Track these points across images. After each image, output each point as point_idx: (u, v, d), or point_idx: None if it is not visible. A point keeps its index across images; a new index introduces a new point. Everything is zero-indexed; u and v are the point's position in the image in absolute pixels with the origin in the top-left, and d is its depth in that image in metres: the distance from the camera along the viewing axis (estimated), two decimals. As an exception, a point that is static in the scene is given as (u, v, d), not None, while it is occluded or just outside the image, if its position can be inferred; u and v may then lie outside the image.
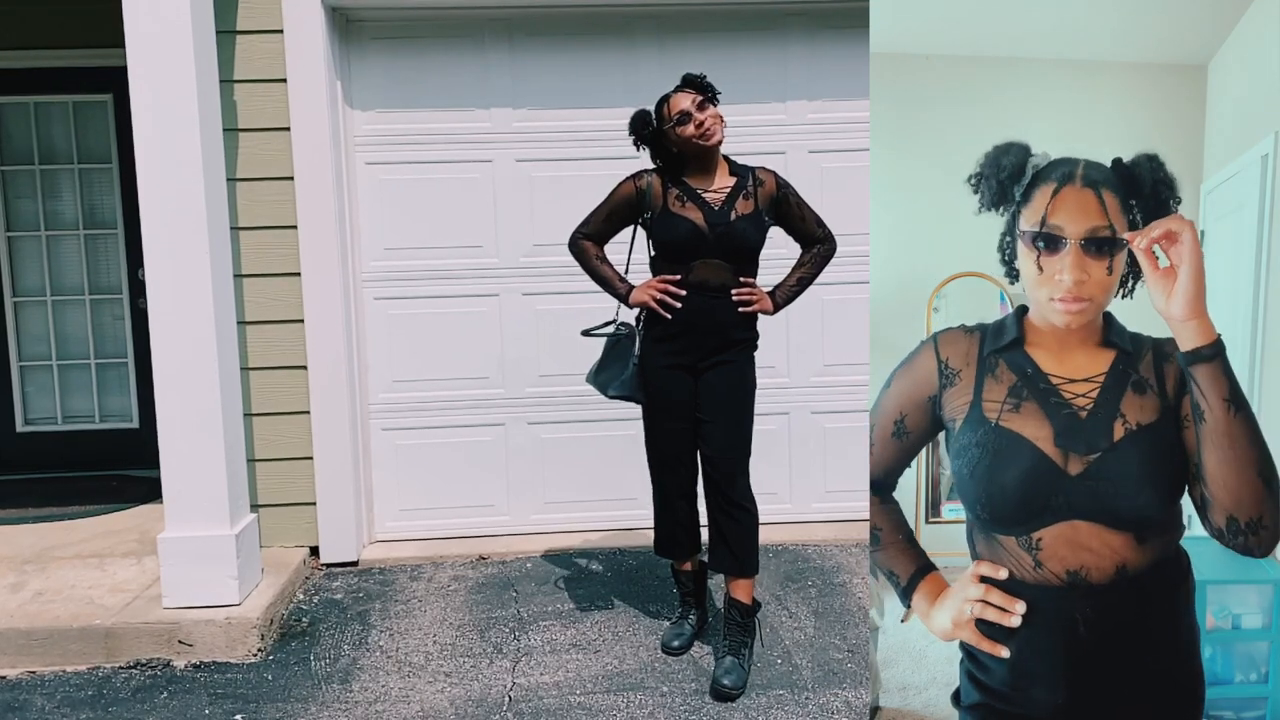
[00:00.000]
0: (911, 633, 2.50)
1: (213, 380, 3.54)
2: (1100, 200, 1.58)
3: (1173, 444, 1.61)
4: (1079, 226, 1.57)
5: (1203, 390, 1.50)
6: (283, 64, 4.06)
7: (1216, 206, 2.91)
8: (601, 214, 3.34)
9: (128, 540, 4.28)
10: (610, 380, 3.37)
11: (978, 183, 1.73)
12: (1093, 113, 2.85)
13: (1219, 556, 2.56)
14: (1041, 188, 1.62)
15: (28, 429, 5.61)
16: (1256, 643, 2.49)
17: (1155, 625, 1.63)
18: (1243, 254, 2.76)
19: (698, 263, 3.19)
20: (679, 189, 3.22)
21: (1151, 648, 1.63)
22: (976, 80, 3.07)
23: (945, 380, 1.73)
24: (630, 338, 3.32)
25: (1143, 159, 1.64)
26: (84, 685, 3.30)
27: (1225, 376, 1.48)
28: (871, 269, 2.48)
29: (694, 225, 3.17)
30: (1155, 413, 1.61)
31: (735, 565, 3.29)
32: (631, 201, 3.28)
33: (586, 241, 3.36)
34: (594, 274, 3.38)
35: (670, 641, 3.44)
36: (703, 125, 3.13)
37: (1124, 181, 1.62)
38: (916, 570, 1.81)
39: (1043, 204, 1.60)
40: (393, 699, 3.16)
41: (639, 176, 3.29)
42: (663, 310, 3.20)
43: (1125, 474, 1.57)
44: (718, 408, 3.26)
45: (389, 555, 4.39)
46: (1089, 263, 1.56)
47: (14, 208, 5.48)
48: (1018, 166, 1.66)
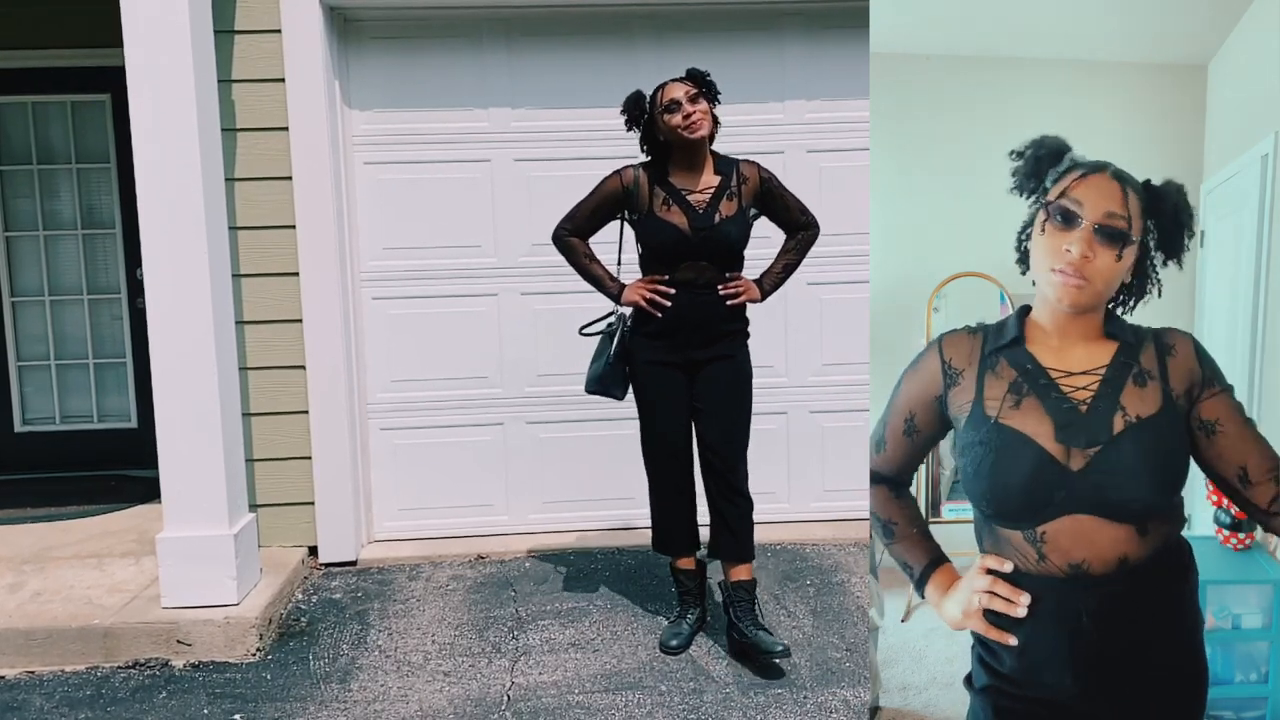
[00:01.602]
0: (911, 632, 2.50)
1: (211, 380, 3.54)
2: (1124, 193, 1.64)
3: (1174, 436, 1.63)
4: (1097, 210, 1.62)
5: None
6: (281, 64, 4.05)
7: (1216, 206, 2.91)
8: (586, 210, 3.36)
9: (126, 540, 4.28)
10: (592, 377, 3.43)
11: (1018, 159, 1.76)
12: (1093, 113, 2.85)
13: (1219, 556, 2.57)
14: (1074, 171, 1.68)
15: (26, 429, 5.60)
16: (1256, 643, 2.49)
17: (1157, 616, 1.65)
18: (1243, 254, 2.76)
19: (684, 264, 3.25)
20: (665, 190, 3.25)
21: (1154, 638, 1.65)
22: (976, 80, 3.06)
23: (949, 380, 1.76)
24: (611, 336, 3.34)
25: (1171, 185, 1.70)
26: (82, 685, 3.30)
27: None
28: (871, 269, 2.48)
29: (678, 230, 3.23)
30: (1156, 405, 1.63)
31: (739, 550, 3.35)
32: (617, 198, 3.31)
33: (573, 239, 3.37)
34: (584, 273, 3.40)
35: (669, 641, 3.44)
36: (690, 117, 3.17)
37: (1151, 198, 1.68)
38: (930, 562, 1.85)
39: (1069, 183, 1.66)
40: (391, 698, 3.16)
41: (624, 173, 3.31)
42: (652, 309, 3.25)
43: (1126, 467, 1.59)
44: (719, 399, 3.33)
45: (387, 555, 4.38)
46: (1099, 247, 1.61)
47: (12, 208, 5.47)
48: (1058, 150, 1.72)
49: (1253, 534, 2.56)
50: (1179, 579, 1.70)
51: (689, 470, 3.45)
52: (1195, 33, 2.82)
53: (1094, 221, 1.61)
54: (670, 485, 3.44)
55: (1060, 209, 1.64)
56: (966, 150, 2.69)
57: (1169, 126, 2.93)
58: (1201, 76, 2.92)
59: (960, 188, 2.92)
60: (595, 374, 3.41)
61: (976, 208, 2.37)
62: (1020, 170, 1.76)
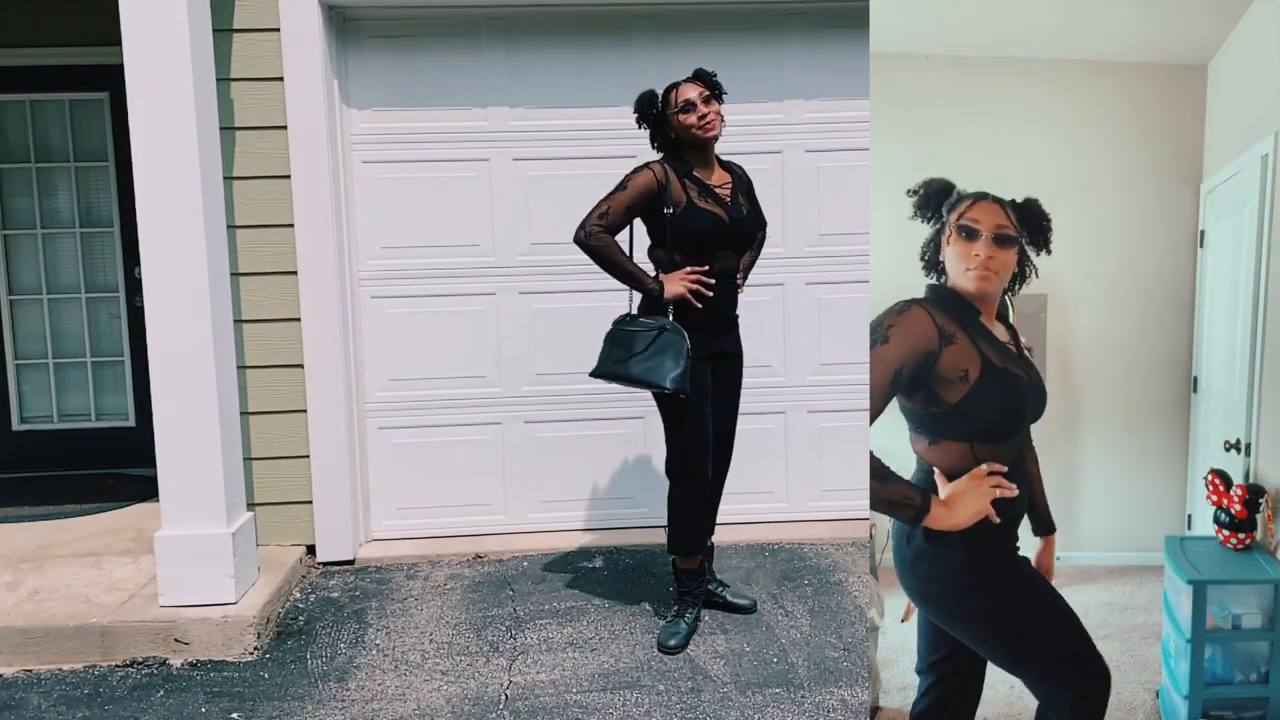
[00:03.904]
0: (911, 632, 2.50)
1: (209, 379, 3.54)
2: (1005, 210, 2.30)
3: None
4: (990, 223, 2.28)
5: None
6: (280, 62, 4.05)
7: (1216, 206, 2.91)
8: (621, 205, 3.27)
9: (124, 539, 4.27)
10: (667, 372, 3.22)
11: (915, 195, 2.36)
12: (1093, 113, 2.85)
13: (1219, 556, 2.57)
14: (965, 201, 2.31)
15: (24, 427, 5.59)
16: (1256, 643, 2.49)
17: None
18: (1243, 254, 2.76)
19: (720, 253, 3.34)
20: (695, 184, 3.31)
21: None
22: (976, 80, 3.06)
23: (945, 341, 2.25)
24: (678, 331, 3.24)
25: (1031, 201, 2.32)
26: (80, 684, 3.30)
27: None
28: (871, 269, 2.49)
29: (719, 219, 3.31)
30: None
31: (712, 528, 3.63)
32: (652, 193, 3.27)
33: (608, 235, 3.28)
34: (618, 269, 3.29)
35: (667, 640, 3.43)
36: (705, 118, 3.27)
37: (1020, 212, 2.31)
38: (925, 490, 2.30)
39: (964, 209, 2.30)
40: (389, 697, 3.15)
41: (653, 167, 3.29)
42: (695, 301, 3.28)
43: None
44: (735, 392, 3.52)
45: (386, 554, 4.38)
46: (996, 250, 2.28)
47: (10, 206, 5.46)
48: (944, 189, 2.34)
49: (1253, 534, 2.57)
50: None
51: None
52: (1195, 33, 2.82)
53: (990, 232, 2.27)
54: (704, 483, 3.44)
55: (964, 227, 2.29)
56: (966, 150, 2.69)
57: (1169, 126, 2.93)
58: (1201, 76, 2.91)
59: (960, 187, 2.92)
60: (681, 371, 3.21)
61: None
62: (917, 204, 2.35)
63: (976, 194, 2.29)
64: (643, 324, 3.29)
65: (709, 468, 3.43)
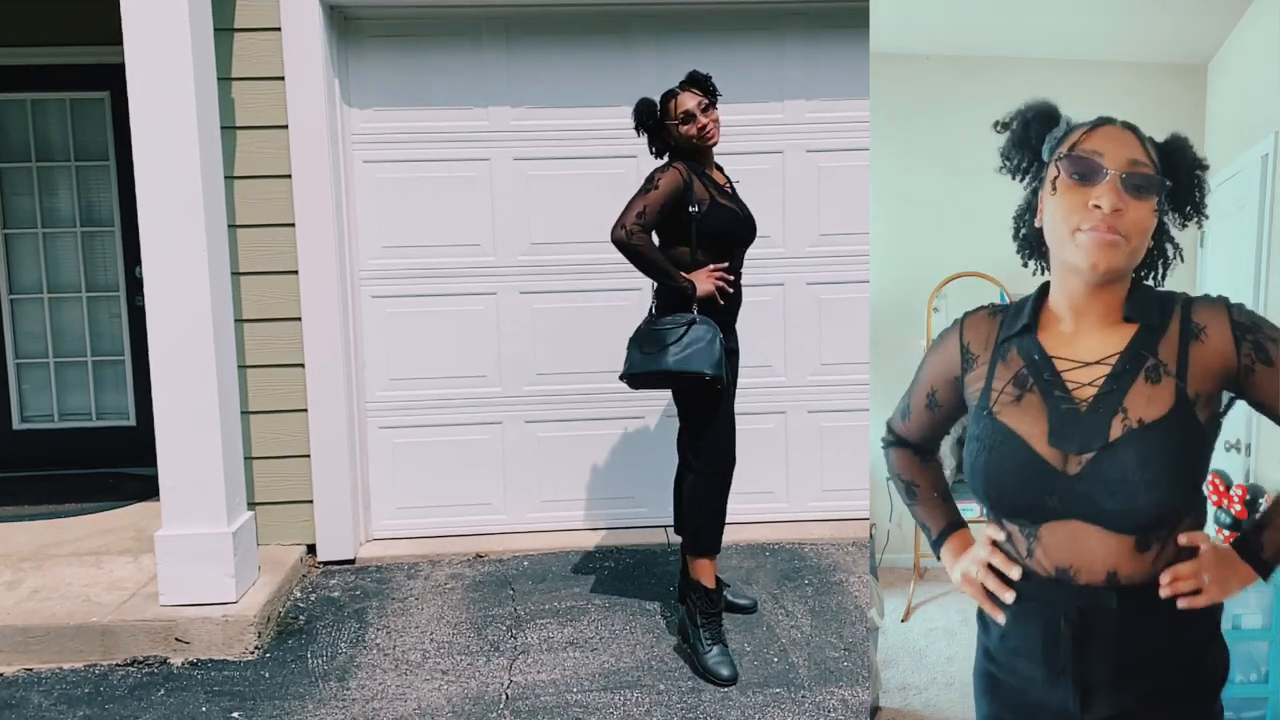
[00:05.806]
0: (911, 632, 2.50)
1: (210, 378, 3.54)
2: (1141, 140, 1.47)
3: (1182, 442, 1.46)
4: (1120, 158, 1.44)
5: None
6: (280, 62, 4.05)
7: (1216, 206, 2.89)
8: (656, 204, 3.23)
9: (124, 538, 4.27)
10: (704, 360, 3.19)
11: (1004, 129, 1.60)
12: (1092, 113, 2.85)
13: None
14: (1078, 128, 1.51)
15: (24, 426, 5.59)
16: (1256, 643, 2.49)
17: (1154, 645, 1.53)
18: (1243, 254, 2.76)
19: (737, 251, 3.38)
20: (708, 184, 3.32)
21: (1147, 667, 1.54)
22: (976, 80, 3.06)
23: (966, 364, 1.69)
24: (708, 323, 3.23)
25: (1181, 139, 1.55)
26: (81, 683, 3.30)
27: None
28: (871, 269, 2.49)
29: (739, 217, 3.36)
30: (1166, 406, 1.46)
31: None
32: (680, 192, 3.25)
33: (646, 234, 3.24)
34: (655, 268, 3.24)
35: (720, 670, 3.23)
36: (705, 128, 3.28)
37: (1164, 153, 1.52)
38: (947, 525, 1.84)
39: (1078, 136, 1.49)
40: (389, 697, 3.15)
41: (677, 167, 3.27)
42: (720, 297, 3.31)
43: (1121, 475, 1.45)
44: (733, 388, 3.47)
45: (386, 553, 4.38)
46: (1129, 200, 1.43)
47: (11, 205, 5.47)
48: (1049, 114, 1.56)
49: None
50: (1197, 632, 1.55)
51: None
52: (1195, 33, 2.82)
53: (1120, 170, 1.42)
54: (732, 474, 3.41)
55: (1078, 161, 1.44)
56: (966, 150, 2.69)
57: (1169, 126, 2.93)
58: (1201, 76, 2.91)
59: (960, 188, 2.93)
60: (718, 358, 3.19)
61: (976, 208, 2.37)
62: (1010, 142, 1.59)
63: (1097, 118, 1.50)
64: (671, 320, 3.27)
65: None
